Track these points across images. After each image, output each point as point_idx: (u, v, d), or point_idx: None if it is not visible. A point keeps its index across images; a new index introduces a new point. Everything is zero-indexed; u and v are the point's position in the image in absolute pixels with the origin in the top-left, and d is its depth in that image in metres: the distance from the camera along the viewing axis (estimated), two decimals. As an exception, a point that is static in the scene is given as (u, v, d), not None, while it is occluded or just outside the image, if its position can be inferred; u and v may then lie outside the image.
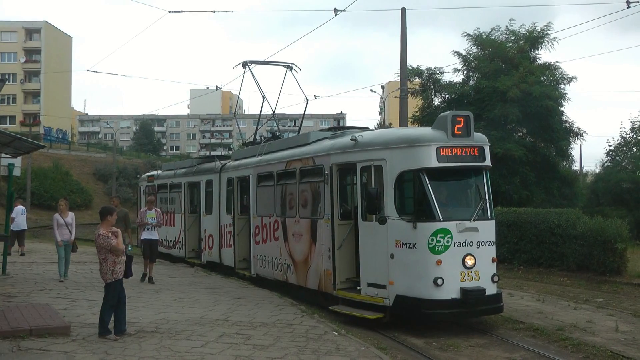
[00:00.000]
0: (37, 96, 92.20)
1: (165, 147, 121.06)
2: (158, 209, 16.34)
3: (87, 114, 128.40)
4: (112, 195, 16.39)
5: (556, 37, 29.55)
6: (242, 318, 10.91)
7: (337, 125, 77.20)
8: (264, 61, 19.05)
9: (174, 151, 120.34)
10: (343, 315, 11.55)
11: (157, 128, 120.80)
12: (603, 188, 31.35)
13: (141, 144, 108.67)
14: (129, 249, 12.46)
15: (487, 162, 11.27)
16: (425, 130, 11.32)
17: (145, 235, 15.78)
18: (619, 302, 14.38)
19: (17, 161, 17.56)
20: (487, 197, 11.23)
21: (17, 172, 17.95)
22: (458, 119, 10.84)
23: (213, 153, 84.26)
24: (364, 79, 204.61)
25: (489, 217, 11.19)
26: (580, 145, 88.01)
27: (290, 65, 18.52)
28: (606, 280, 17.22)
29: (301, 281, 13.43)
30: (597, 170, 38.52)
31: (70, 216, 15.50)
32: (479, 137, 11.27)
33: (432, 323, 11.01)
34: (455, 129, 10.76)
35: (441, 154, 10.68)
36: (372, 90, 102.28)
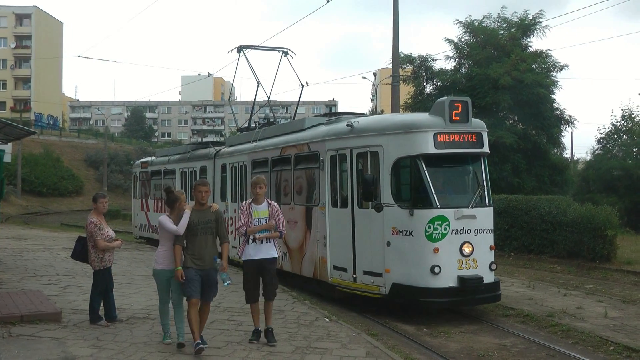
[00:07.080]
0: (28, 82, 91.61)
1: (156, 134, 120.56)
2: (273, 202, 8.55)
3: (78, 100, 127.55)
4: (199, 180, 10.86)
5: (548, 25, 29.55)
6: (233, 304, 10.91)
7: (329, 112, 77.01)
8: (258, 46, 18.92)
9: (166, 137, 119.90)
10: (335, 302, 11.55)
11: (148, 114, 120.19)
12: (594, 175, 31.48)
13: (132, 131, 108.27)
14: (226, 284, 7.82)
15: (485, 149, 11.10)
16: (423, 116, 11.06)
17: (249, 252, 8.31)
18: (608, 288, 14.47)
19: (8, 147, 17.48)
20: (485, 184, 11.07)
21: (7, 159, 17.85)
22: (456, 104, 10.64)
23: (206, 139, 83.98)
24: (356, 66, 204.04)
25: (487, 205, 11.04)
26: (572, 133, 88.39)
27: (286, 50, 18.35)
28: (596, 266, 17.33)
29: (296, 269, 13.33)
30: (588, 158, 38.66)
31: (187, 216, 7.93)
32: (477, 123, 11.07)
33: (429, 311, 10.97)
34: (453, 115, 10.58)
35: (439, 140, 10.50)
36: (364, 77, 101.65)
